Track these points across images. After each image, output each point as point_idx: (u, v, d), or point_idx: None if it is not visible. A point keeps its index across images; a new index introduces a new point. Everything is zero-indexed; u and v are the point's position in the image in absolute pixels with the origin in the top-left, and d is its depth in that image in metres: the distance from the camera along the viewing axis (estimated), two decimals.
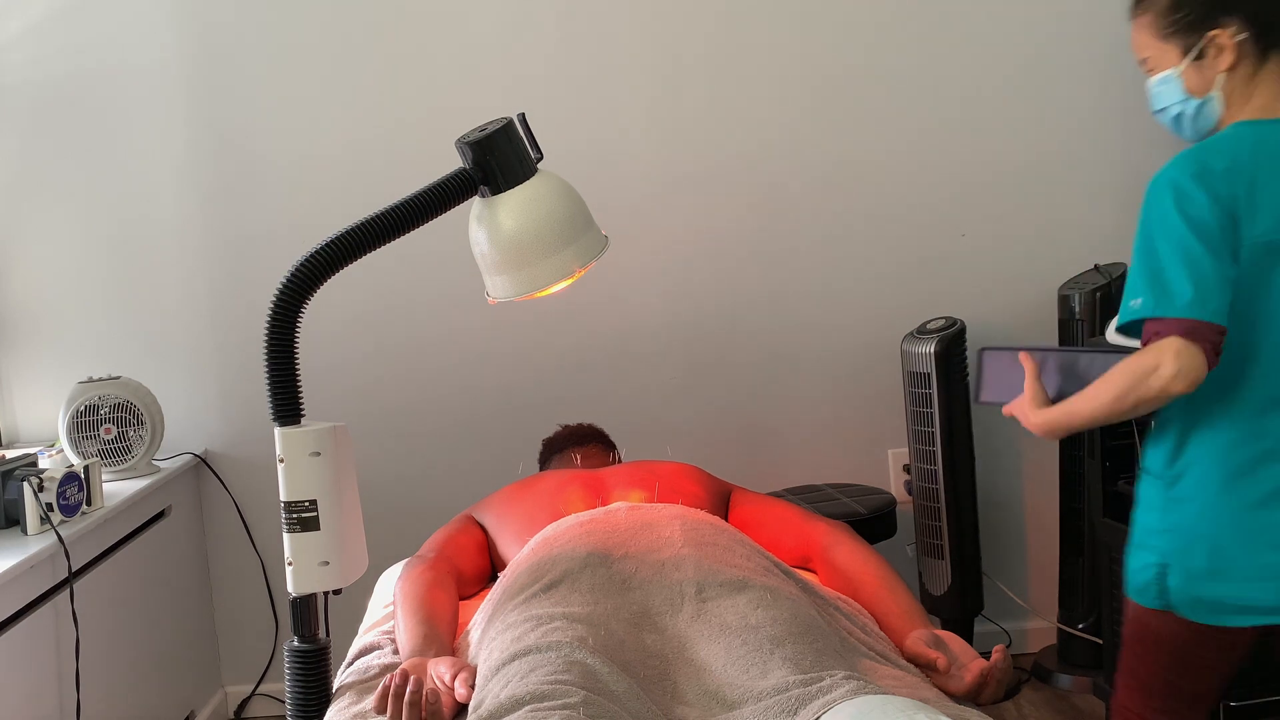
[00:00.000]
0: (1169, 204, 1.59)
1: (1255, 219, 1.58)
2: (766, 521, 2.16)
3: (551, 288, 1.80)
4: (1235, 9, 1.64)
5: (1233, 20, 1.64)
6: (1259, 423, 1.62)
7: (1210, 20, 1.65)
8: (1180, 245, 1.57)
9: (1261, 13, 1.64)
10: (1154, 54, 1.74)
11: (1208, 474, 1.66)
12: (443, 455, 3.20)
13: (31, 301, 3.15)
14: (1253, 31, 1.64)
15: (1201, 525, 1.67)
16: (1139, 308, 1.59)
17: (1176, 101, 1.72)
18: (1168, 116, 1.76)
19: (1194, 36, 1.67)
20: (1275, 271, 1.59)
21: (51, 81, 3.08)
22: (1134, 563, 1.78)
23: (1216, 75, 1.67)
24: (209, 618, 3.23)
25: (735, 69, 3.12)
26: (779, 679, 1.48)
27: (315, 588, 1.72)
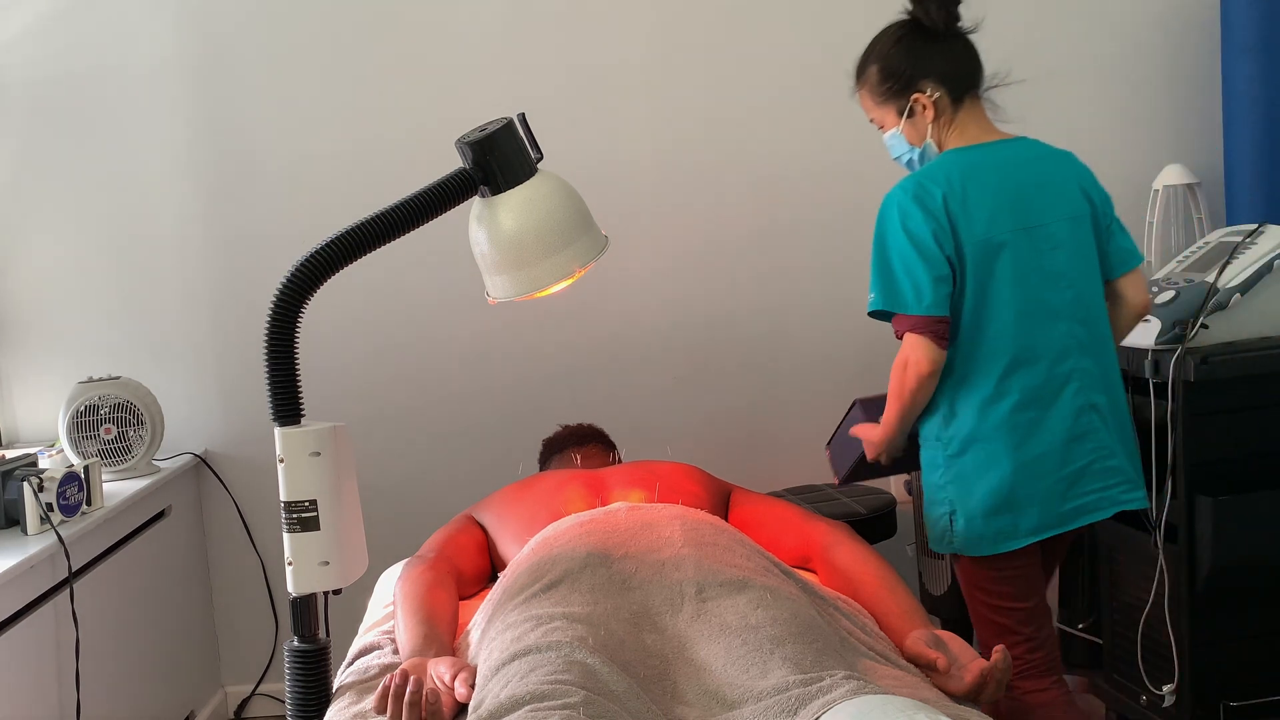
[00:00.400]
0: (895, 220, 2.00)
1: (971, 224, 1.98)
2: (766, 521, 2.16)
3: (551, 288, 1.80)
4: (927, 74, 2.05)
5: (927, 83, 2.05)
6: (1004, 383, 1.99)
7: (911, 86, 2.06)
8: (901, 255, 1.99)
9: (947, 73, 2.06)
10: (878, 116, 2.13)
11: (974, 431, 2.01)
12: (443, 455, 3.19)
13: (31, 301, 3.14)
14: (944, 88, 2.06)
15: (977, 472, 2.01)
16: (872, 301, 2.04)
17: (905, 151, 2.12)
18: (903, 162, 2.14)
19: (902, 100, 2.07)
20: (997, 263, 1.98)
21: (51, 81, 3.08)
22: (933, 516, 2.08)
23: (927, 126, 2.07)
24: (209, 618, 3.23)
25: (736, 69, 3.12)
26: (779, 679, 1.48)
27: (315, 588, 1.72)
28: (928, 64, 2.06)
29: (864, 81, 2.12)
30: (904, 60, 2.07)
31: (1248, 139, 2.93)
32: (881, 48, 2.10)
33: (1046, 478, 2.00)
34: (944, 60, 2.07)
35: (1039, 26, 3.14)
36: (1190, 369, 2.34)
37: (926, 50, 2.07)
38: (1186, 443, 2.39)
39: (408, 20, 3.09)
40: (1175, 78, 3.16)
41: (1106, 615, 2.70)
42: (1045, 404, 2.00)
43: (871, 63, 2.10)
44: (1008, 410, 1.99)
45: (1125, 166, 3.16)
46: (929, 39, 2.07)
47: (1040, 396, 1.99)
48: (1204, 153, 3.13)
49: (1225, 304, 2.41)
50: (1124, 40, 3.15)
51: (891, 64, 2.08)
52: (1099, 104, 3.16)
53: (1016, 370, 1.99)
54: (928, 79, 2.05)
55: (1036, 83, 3.15)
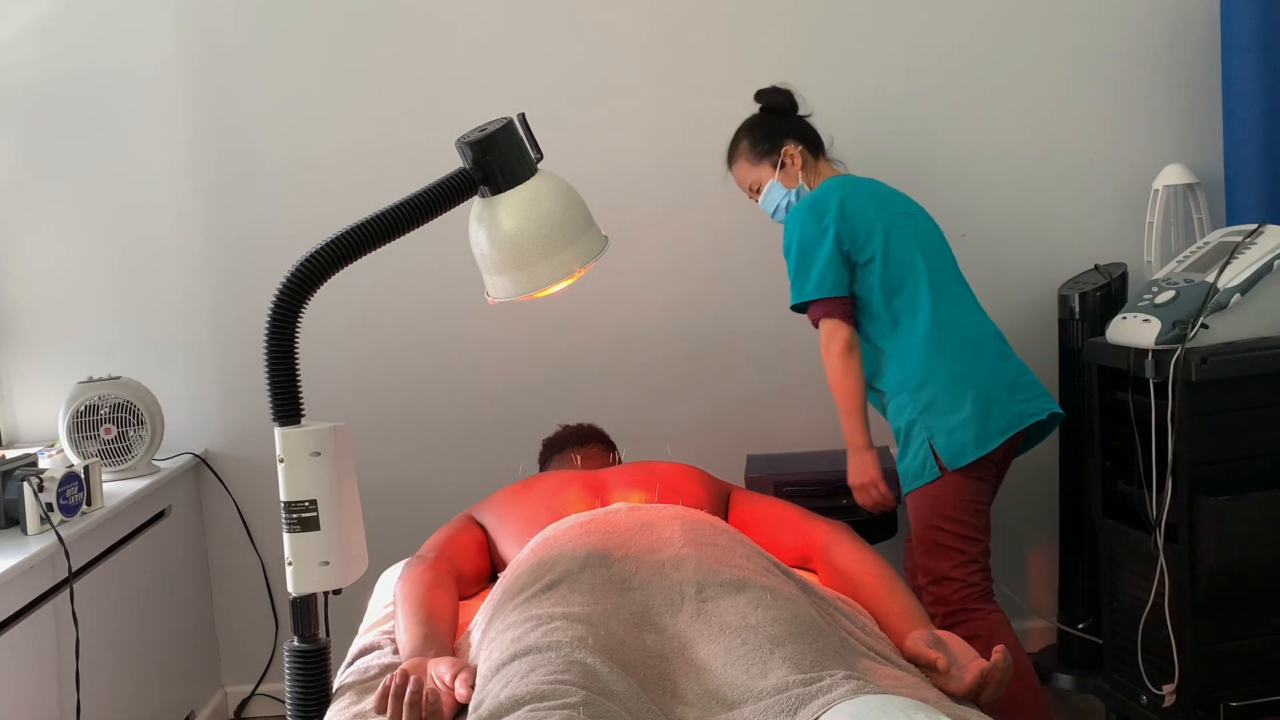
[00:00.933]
0: (798, 228, 2.50)
1: (867, 214, 2.50)
2: (766, 522, 2.16)
3: (551, 288, 1.80)
4: (788, 134, 2.63)
5: (789, 140, 2.62)
6: (937, 325, 2.46)
7: (778, 145, 2.62)
8: (805, 253, 2.49)
9: (802, 135, 2.65)
10: (755, 176, 2.65)
11: (926, 364, 2.45)
12: (443, 455, 3.20)
13: (31, 301, 3.15)
14: (803, 144, 2.64)
15: (943, 394, 2.43)
16: (793, 294, 2.53)
17: (783, 196, 2.62)
18: (782, 208, 2.63)
19: (774, 155, 2.62)
20: (896, 235, 2.50)
21: (51, 81, 3.08)
22: (909, 456, 2.47)
23: (797, 172, 2.62)
24: (209, 618, 3.23)
25: (736, 69, 3.12)
26: (779, 679, 1.48)
27: (315, 588, 1.71)
28: (786, 129, 2.63)
29: (738, 155, 2.67)
30: (766, 129, 2.64)
31: (1248, 139, 2.93)
32: (745, 127, 2.67)
33: (995, 387, 2.45)
34: (796, 128, 2.64)
35: (1039, 27, 3.14)
36: (1190, 369, 2.34)
37: (782, 124, 2.64)
38: (1187, 443, 2.39)
39: (408, 20, 3.09)
40: (1175, 78, 3.16)
41: (1106, 615, 2.70)
42: (976, 336, 2.50)
43: (741, 140, 2.66)
44: (951, 344, 2.46)
45: (1125, 166, 3.17)
46: (781, 117, 2.65)
47: (970, 332, 2.50)
48: (1204, 153, 3.13)
49: (1225, 304, 2.41)
50: (1124, 40, 3.15)
51: (757, 133, 2.64)
52: (1099, 104, 3.16)
53: (945, 314, 2.47)
54: (789, 138, 2.62)
55: (1036, 83, 3.17)
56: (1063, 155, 3.18)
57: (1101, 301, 2.88)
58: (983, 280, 3.18)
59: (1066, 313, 2.96)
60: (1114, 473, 2.66)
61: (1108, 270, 2.99)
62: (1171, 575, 2.44)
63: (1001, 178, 3.17)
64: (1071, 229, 3.19)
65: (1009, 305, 3.19)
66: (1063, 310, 2.98)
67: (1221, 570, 2.38)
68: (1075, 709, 2.95)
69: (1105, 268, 3.01)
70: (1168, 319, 2.42)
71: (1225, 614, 2.45)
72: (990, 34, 3.15)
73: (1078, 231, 3.19)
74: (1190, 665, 2.44)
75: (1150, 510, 2.46)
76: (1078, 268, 3.10)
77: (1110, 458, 2.67)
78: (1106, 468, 2.67)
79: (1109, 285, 2.91)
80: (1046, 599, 3.25)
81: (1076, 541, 3.04)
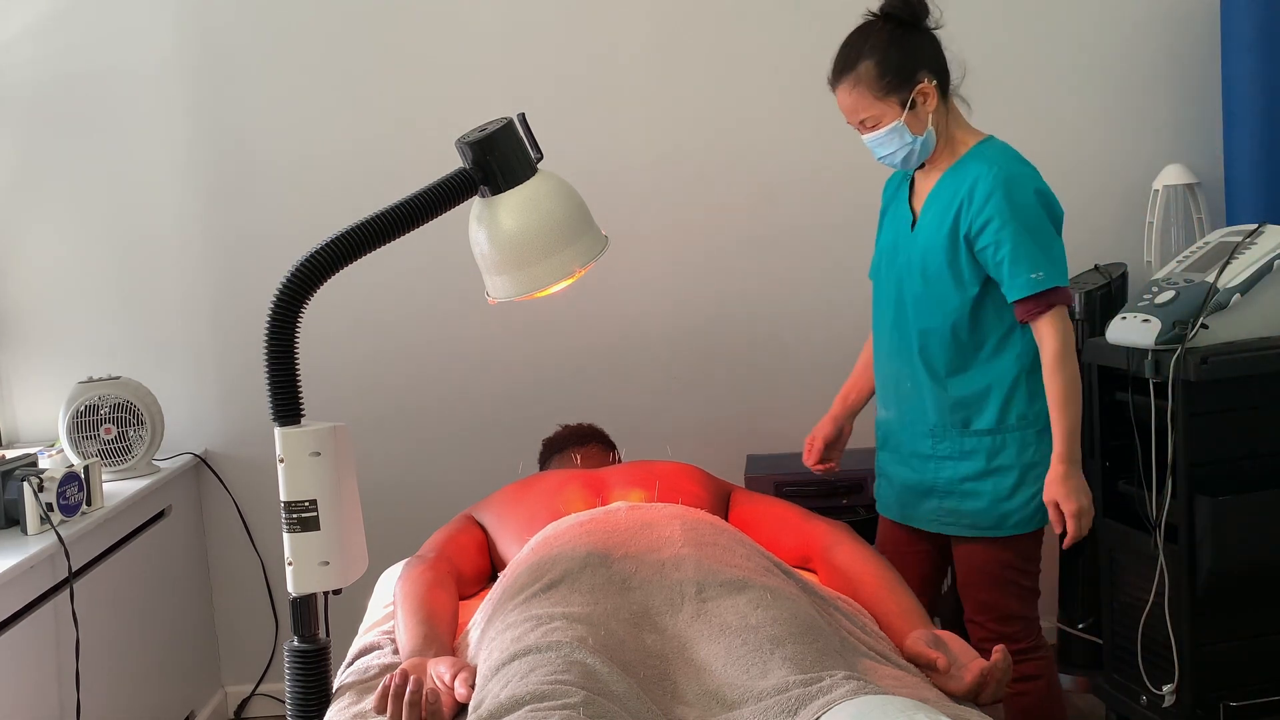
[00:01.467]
0: (1034, 196, 2.12)
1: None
2: (766, 521, 2.16)
3: (551, 288, 1.80)
4: (923, 65, 2.11)
5: (924, 73, 2.11)
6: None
7: (913, 75, 2.10)
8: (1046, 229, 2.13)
9: (939, 67, 2.15)
10: (875, 112, 2.13)
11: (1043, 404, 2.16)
12: (443, 455, 3.20)
13: (31, 301, 3.14)
14: (939, 80, 2.14)
15: (1047, 444, 2.15)
16: (1043, 279, 2.09)
17: (904, 144, 2.15)
18: (898, 158, 2.19)
19: (905, 92, 2.10)
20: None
21: (51, 82, 3.08)
22: (1019, 496, 2.19)
23: (928, 115, 2.13)
24: (209, 618, 3.23)
25: (736, 69, 3.12)
26: (779, 679, 1.48)
27: (315, 588, 1.71)
28: (921, 55, 2.12)
29: (856, 79, 2.11)
30: (900, 53, 2.10)
31: (1248, 139, 2.93)
32: (874, 42, 2.10)
33: None
34: (932, 55, 2.14)
35: (1039, 27, 3.14)
36: (1190, 369, 2.34)
37: (917, 41, 2.12)
38: (1186, 443, 2.39)
39: (408, 20, 3.09)
40: (1175, 78, 3.16)
41: (1106, 615, 2.70)
42: None
43: (866, 58, 2.10)
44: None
45: (1125, 166, 3.17)
46: (913, 31, 2.12)
47: None
48: (1204, 153, 3.13)
49: (1225, 304, 2.41)
50: (1124, 40, 3.15)
51: (889, 57, 2.09)
52: (1099, 104, 3.16)
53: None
54: (924, 69, 2.11)
55: (1036, 82, 3.17)
56: (1063, 155, 3.17)
57: (1101, 301, 2.88)
58: None
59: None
60: (1114, 473, 2.66)
61: (1108, 270, 2.98)
62: (1171, 575, 2.44)
63: None
64: (1071, 229, 3.16)
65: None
66: None
67: (1221, 570, 2.38)
68: (1075, 709, 2.95)
69: (1105, 268, 3.01)
70: (1168, 319, 2.42)
71: (1225, 614, 2.45)
72: (990, 34, 3.15)
73: (1078, 231, 3.17)
74: (1190, 665, 2.43)
75: (1150, 510, 2.46)
76: (1078, 268, 3.09)
77: (1110, 458, 2.66)
78: (1106, 468, 2.67)
79: (1109, 285, 2.91)
80: (1046, 599, 3.24)
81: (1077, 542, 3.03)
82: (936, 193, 2.22)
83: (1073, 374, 2.09)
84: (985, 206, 2.10)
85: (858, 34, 2.14)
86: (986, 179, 2.11)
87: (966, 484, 2.21)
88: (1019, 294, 2.09)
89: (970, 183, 2.14)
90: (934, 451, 2.25)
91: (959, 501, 2.22)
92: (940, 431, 2.24)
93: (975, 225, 2.12)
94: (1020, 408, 2.18)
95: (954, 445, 2.22)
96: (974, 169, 2.15)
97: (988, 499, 2.19)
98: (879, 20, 2.14)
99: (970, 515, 2.21)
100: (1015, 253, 2.08)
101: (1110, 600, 2.68)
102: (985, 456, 2.20)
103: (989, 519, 2.20)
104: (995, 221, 2.09)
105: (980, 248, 2.12)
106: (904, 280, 2.26)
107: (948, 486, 2.23)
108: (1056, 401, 2.09)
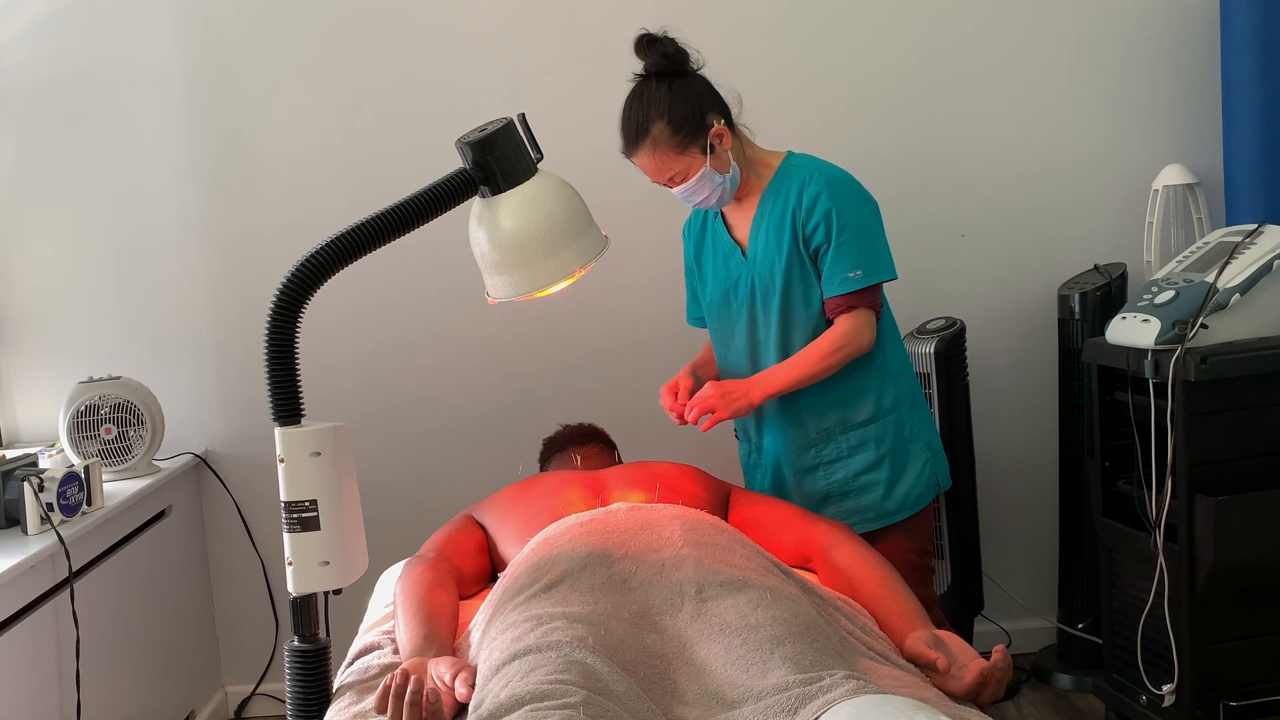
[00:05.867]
0: (856, 201, 2.22)
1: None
2: (766, 522, 2.16)
3: (552, 288, 1.80)
4: (709, 108, 2.18)
5: (712, 115, 2.18)
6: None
7: (704, 123, 2.17)
8: (874, 230, 2.23)
9: (720, 103, 2.21)
10: (680, 167, 2.19)
11: (910, 379, 2.38)
12: (443, 455, 3.20)
13: (31, 301, 3.15)
14: (724, 116, 2.21)
15: (925, 411, 2.40)
16: (865, 276, 2.19)
17: (717, 185, 2.22)
18: (713, 200, 2.25)
19: (702, 139, 2.17)
20: None
21: (51, 81, 3.08)
22: (908, 476, 2.30)
23: (728, 153, 2.21)
24: (209, 618, 3.23)
25: (735, 69, 3.11)
26: (779, 678, 1.48)
27: (315, 588, 1.72)
28: (702, 99, 2.19)
29: (654, 142, 2.17)
30: (685, 104, 2.16)
31: (1248, 139, 2.93)
32: (657, 102, 2.16)
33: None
34: (710, 96, 2.21)
35: (1039, 26, 3.14)
36: (1190, 369, 2.34)
37: (694, 88, 2.19)
38: (1186, 443, 2.39)
39: (408, 20, 3.09)
40: (1175, 78, 3.16)
41: (1106, 615, 2.70)
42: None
43: (655, 119, 2.16)
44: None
45: (1125, 166, 3.17)
46: (685, 79, 2.19)
47: None
48: (1204, 153, 3.13)
49: (1225, 304, 2.41)
50: (1124, 40, 3.15)
51: (676, 112, 2.16)
52: (1099, 104, 3.16)
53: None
54: (710, 111, 2.19)
55: (1036, 82, 3.17)
56: (1063, 155, 3.18)
57: (1101, 301, 2.89)
58: (983, 280, 3.19)
59: (1066, 313, 2.96)
60: (1114, 473, 2.66)
61: (1108, 270, 2.99)
62: (1171, 575, 2.44)
63: (1001, 178, 3.17)
64: (1071, 229, 3.19)
65: (1009, 305, 3.20)
66: (1063, 310, 2.98)
67: (1221, 570, 2.38)
68: (1075, 709, 2.95)
69: (1105, 268, 3.01)
70: (1167, 319, 2.42)
71: (1225, 614, 2.45)
72: (990, 33, 3.15)
73: (1078, 231, 3.19)
74: (1190, 665, 2.44)
75: (1150, 510, 2.46)
76: (1078, 268, 3.10)
77: (1110, 458, 2.67)
78: (1106, 468, 2.67)
79: (1109, 285, 2.91)
80: (1046, 599, 3.25)
81: (1076, 541, 3.04)
82: (761, 215, 2.30)
83: (833, 365, 2.21)
84: (815, 209, 2.21)
85: (635, 99, 2.20)
86: (813, 185, 2.22)
87: (861, 478, 2.31)
88: (832, 291, 2.21)
89: (797, 192, 2.24)
90: (819, 459, 2.34)
91: (857, 498, 2.31)
92: (824, 437, 2.33)
93: (808, 228, 2.22)
94: (894, 388, 2.31)
95: (839, 446, 2.32)
96: (796, 179, 2.25)
97: (884, 486, 2.29)
98: (650, 79, 2.19)
99: (872, 508, 2.30)
100: (839, 251, 2.20)
101: (1110, 600, 2.68)
102: (874, 445, 2.29)
103: (893, 504, 2.30)
104: (823, 225, 2.20)
105: (814, 247, 2.23)
106: (756, 308, 2.33)
107: (843, 487, 2.32)
108: (803, 366, 2.20)
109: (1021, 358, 3.21)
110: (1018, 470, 3.26)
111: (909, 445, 2.31)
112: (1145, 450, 2.46)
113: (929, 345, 2.90)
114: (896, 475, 2.30)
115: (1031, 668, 3.14)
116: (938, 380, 2.89)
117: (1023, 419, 3.23)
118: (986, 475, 3.19)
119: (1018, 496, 3.26)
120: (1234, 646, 2.47)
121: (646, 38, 2.19)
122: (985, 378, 3.18)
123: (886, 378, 2.31)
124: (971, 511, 3.02)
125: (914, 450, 2.31)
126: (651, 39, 2.19)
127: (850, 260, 2.19)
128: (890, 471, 2.30)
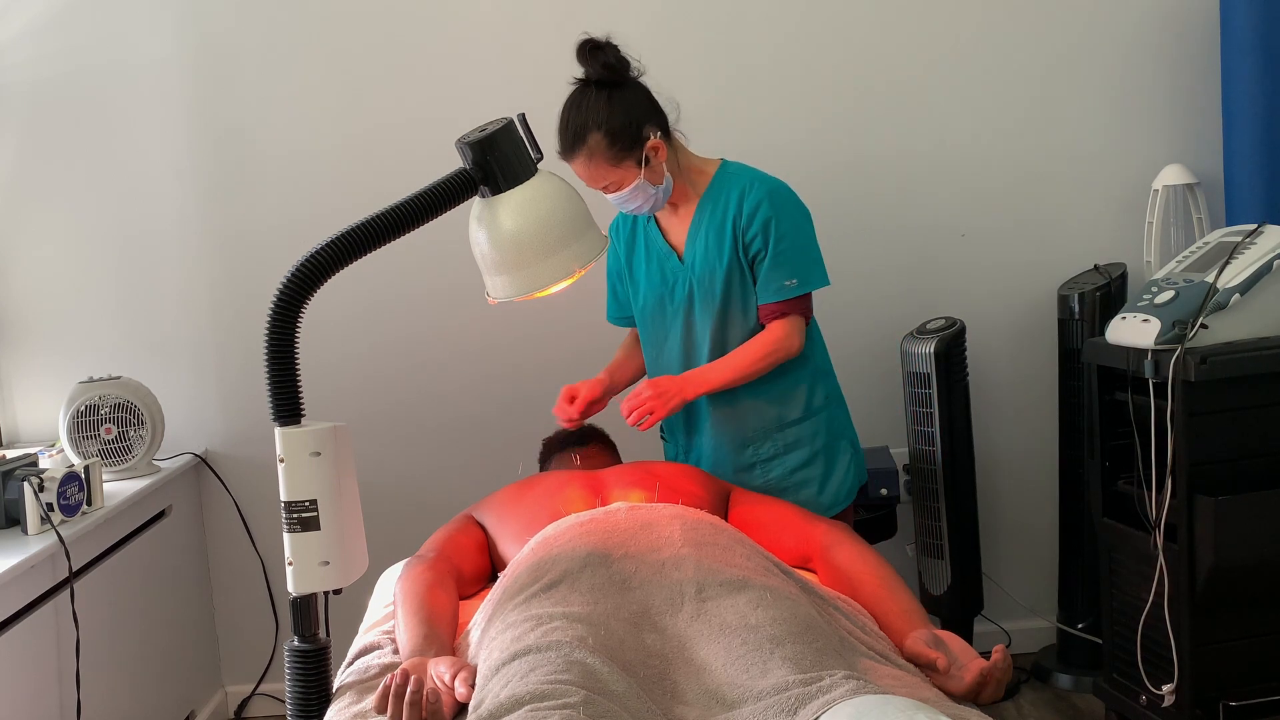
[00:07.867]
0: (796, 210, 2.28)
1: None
2: (766, 521, 2.16)
3: (551, 288, 1.80)
4: (646, 120, 2.18)
5: (649, 128, 2.18)
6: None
7: (640, 136, 2.16)
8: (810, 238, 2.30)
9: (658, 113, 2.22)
10: (615, 177, 2.19)
11: (832, 378, 2.44)
12: (443, 455, 3.20)
13: (31, 301, 3.15)
14: (661, 127, 2.21)
15: (844, 409, 2.46)
16: (802, 285, 2.26)
17: (650, 195, 2.22)
18: (645, 208, 2.25)
19: (637, 151, 2.17)
20: None
21: (51, 81, 3.08)
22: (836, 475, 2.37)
23: (663, 165, 2.22)
24: (209, 618, 3.23)
25: (735, 69, 3.12)
26: (779, 678, 1.48)
27: (315, 587, 1.72)
28: (640, 111, 2.19)
29: (589, 152, 2.16)
30: (623, 115, 2.15)
31: (1248, 139, 2.93)
32: (595, 112, 2.15)
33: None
34: (649, 108, 2.21)
35: (1039, 26, 3.14)
36: (1190, 369, 2.35)
37: (632, 98, 2.18)
38: (1186, 442, 2.39)
39: (408, 19, 3.09)
40: (1175, 78, 3.16)
41: (1106, 615, 2.70)
42: None
43: (592, 130, 2.14)
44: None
45: (1125, 166, 3.17)
46: (624, 89, 2.18)
47: None
48: (1204, 153, 3.13)
49: (1225, 304, 2.41)
50: (1124, 40, 3.15)
51: (613, 124, 2.15)
52: (1099, 104, 3.16)
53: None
54: (647, 124, 2.18)
55: (1036, 82, 3.17)
56: (1063, 155, 3.18)
57: (1101, 301, 2.89)
58: (983, 280, 3.20)
59: (1066, 313, 2.96)
60: (1114, 473, 2.66)
61: (1107, 270, 2.99)
62: (1171, 575, 2.44)
63: (1001, 178, 3.17)
64: (1071, 229, 3.19)
65: (1009, 305, 3.20)
66: (1063, 310, 2.98)
67: (1220, 570, 2.38)
68: (1075, 709, 2.95)
69: (1105, 268, 3.01)
70: (1167, 319, 2.42)
71: (1224, 614, 2.45)
72: (990, 33, 3.15)
73: (1078, 231, 3.19)
74: (1189, 665, 2.44)
75: (1150, 510, 2.46)
76: (1078, 268, 3.10)
77: (1110, 458, 2.67)
78: (1106, 468, 2.67)
79: (1109, 285, 2.91)
80: (1046, 599, 3.25)
81: (1076, 541, 3.04)
82: (699, 221, 2.32)
83: (764, 368, 2.27)
84: (755, 217, 2.25)
85: (574, 106, 2.18)
86: (753, 193, 2.26)
87: (797, 474, 2.36)
88: (768, 298, 2.27)
89: (737, 200, 2.27)
90: (757, 456, 2.38)
91: (794, 495, 2.34)
92: (760, 435, 2.36)
93: (748, 235, 2.26)
94: (825, 387, 2.39)
95: (775, 444, 2.37)
96: (735, 187, 2.29)
97: (818, 483, 2.36)
98: (590, 87, 2.18)
99: (808, 504, 2.31)
100: (776, 260, 2.25)
101: (1110, 600, 2.68)
102: (808, 443, 2.36)
103: (826, 499, 2.36)
104: (762, 234, 2.25)
105: (753, 254, 2.27)
106: (693, 312, 2.36)
107: (780, 484, 2.36)
108: (737, 367, 2.25)
109: (1021, 358, 3.21)
110: (1017, 470, 3.26)
111: (837, 442, 2.39)
112: (1145, 450, 2.46)
113: (929, 345, 2.90)
114: (829, 471, 2.37)
115: (1031, 668, 3.14)
116: (938, 380, 2.89)
117: (1023, 419, 3.23)
118: (986, 475, 3.19)
119: (1018, 496, 3.26)
120: (1234, 646, 2.47)
121: (590, 44, 2.18)
122: (985, 378, 3.18)
123: (818, 376, 2.39)
124: (971, 511, 3.02)
125: (840, 446, 2.39)
126: (595, 46, 2.18)
127: (787, 269, 2.25)
128: (824, 468, 2.37)
